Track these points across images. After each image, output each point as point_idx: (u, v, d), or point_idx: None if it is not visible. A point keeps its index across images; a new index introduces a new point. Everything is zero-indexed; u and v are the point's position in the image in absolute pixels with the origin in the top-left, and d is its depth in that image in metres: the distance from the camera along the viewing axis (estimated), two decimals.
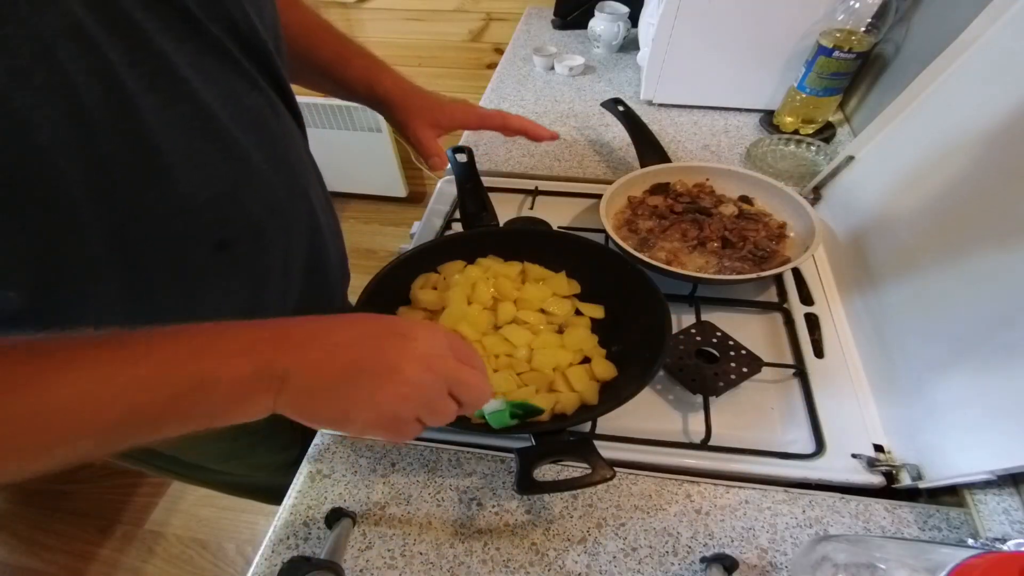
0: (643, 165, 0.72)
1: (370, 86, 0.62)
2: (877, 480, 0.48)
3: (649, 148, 0.74)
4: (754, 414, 0.53)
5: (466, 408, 0.37)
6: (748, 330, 0.59)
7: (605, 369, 0.52)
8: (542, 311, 0.57)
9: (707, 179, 0.72)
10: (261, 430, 0.74)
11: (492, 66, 1.40)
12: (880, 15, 0.72)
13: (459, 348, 0.37)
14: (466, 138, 0.91)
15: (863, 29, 0.73)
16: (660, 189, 0.71)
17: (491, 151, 0.88)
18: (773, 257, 0.61)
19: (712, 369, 0.54)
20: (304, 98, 1.69)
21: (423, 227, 0.75)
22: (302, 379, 0.31)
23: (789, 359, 0.57)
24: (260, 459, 0.80)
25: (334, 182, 1.95)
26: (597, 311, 0.57)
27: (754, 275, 0.58)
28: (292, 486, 0.49)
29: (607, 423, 0.51)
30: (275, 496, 0.49)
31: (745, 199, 0.70)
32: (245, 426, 0.73)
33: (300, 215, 0.52)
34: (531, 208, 0.77)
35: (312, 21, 0.61)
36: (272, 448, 0.79)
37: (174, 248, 0.41)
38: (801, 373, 0.55)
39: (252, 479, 0.87)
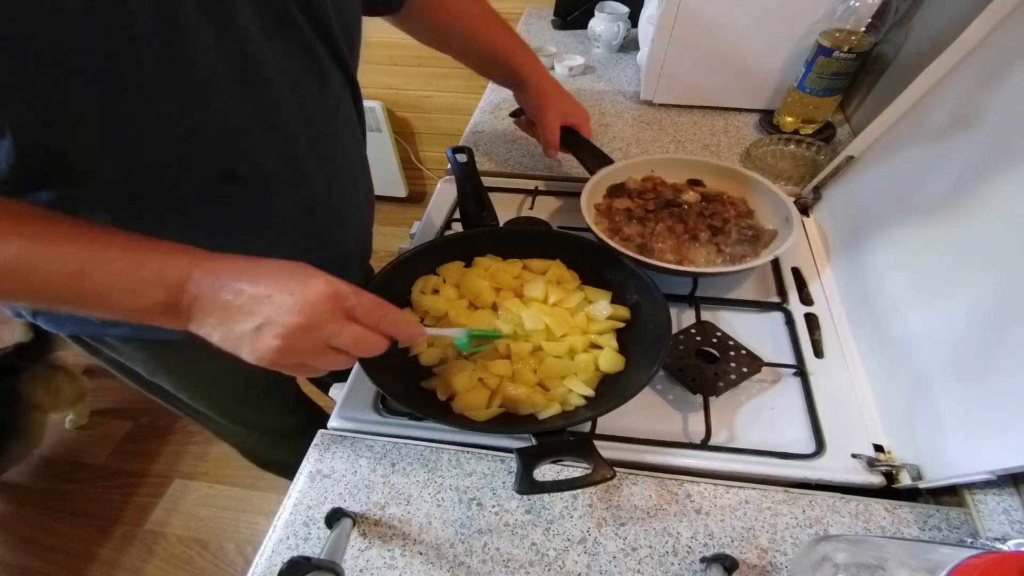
0: (591, 172, 0.70)
1: (508, 59, 0.70)
2: (877, 480, 0.48)
3: (589, 156, 0.71)
4: (754, 414, 0.53)
5: (362, 354, 0.39)
6: (748, 330, 0.59)
7: (612, 360, 0.52)
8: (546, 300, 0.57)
9: (652, 170, 0.72)
10: (259, 384, 0.77)
11: None
12: (880, 15, 0.72)
13: (351, 305, 0.38)
14: (466, 138, 0.91)
15: (863, 29, 0.73)
16: (617, 191, 0.70)
17: (491, 151, 0.88)
18: (761, 234, 0.62)
19: (712, 369, 0.54)
20: None
21: (423, 227, 0.75)
22: (202, 318, 0.37)
23: (789, 359, 0.57)
24: (268, 417, 0.84)
25: None
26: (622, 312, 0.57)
27: (760, 261, 0.58)
28: (292, 486, 0.49)
29: (607, 423, 0.51)
30: (288, 470, 0.52)
31: (695, 183, 0.70)
32: (247, 377, 0.74)
33: (321, 174, 0.55)
34: (531, 208, 0.77)
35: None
36: (276, 407, 0.83)
37: (178, 166, 0.44)
38: (801, 373, 0.55)
39: (267, 447, 0.91)
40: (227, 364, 0.68)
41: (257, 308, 0.36)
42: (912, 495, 0.47)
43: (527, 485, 0.41)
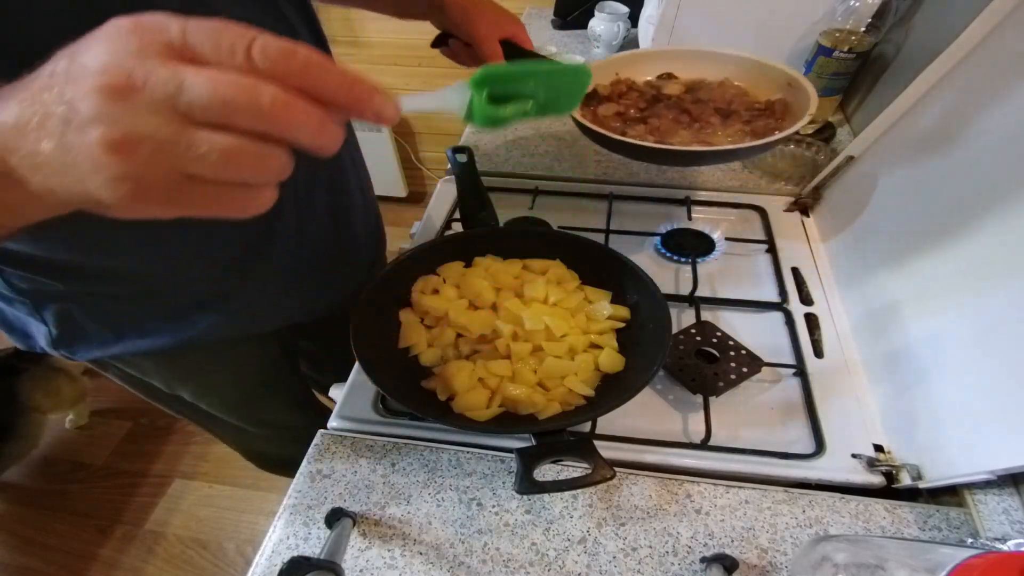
0: None
1: None
2: (877, 480, 0.48)
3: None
4: (754, 414, 0.53)
5: (286, 134, 0.23)
6: (748, 330, 0.59)
7: (612, 360, 0.52)
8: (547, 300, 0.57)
9: (616, 73, 0.67)
10: (268, 381, 0.77)
11: None
12: (880, 15, 0.72)
13: (173, 35, 0.21)
14: (466, 138, 0.91)
15: (863, 29, 0.73)
16: (592, 99, 0.66)
17: (491, 151, 0.88)
18: (770, 107, 0.58)
19: (712, 369, 0.54)
20: None
21: (423, 227, 0.75)
22: (17, 160, 0.23)
23: (789, 359, 0.57)
24: (274, 415, 0.83)
25: None
26: (622, 311, 0.57)
27: (803, 121, 0.53)
28: (292, 486, 0.49)
29: (607, 423, 0.51)
30: (294, 467, 0.51)
31: (668, 75, 0.66)
32: (254, 373, 0.72)
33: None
34: (531, 208, 0.77)
35: None
36: (283, 404, 0.83)
37: None
38: (801, 373, 0.55)
39: (275, 444, 0.90)
40: (242, 364, 0.70)
41: (48, 99, 0.21)
42: (912, 495, 0.47)
43: (527, 485, 0.41)
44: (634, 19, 1.08)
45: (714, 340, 0.57)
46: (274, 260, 0.57)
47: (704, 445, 0.50)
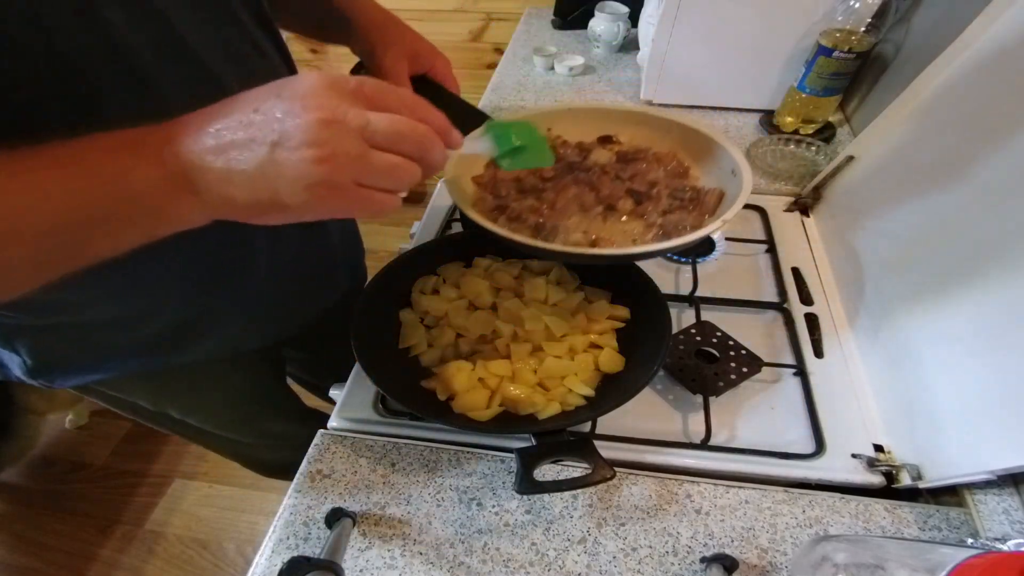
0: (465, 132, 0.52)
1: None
2: (877, 480, 0.48)
3: (456, 113, 0.47)
4: (754, 414, 0.53)
5: (423, 157, 0.32)
6: (748, 330, 0.59)
7: (612, 360, 0.52)
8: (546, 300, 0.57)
9: (548, 128, 0.57)
10: (258, 393, 0.76)
11: (492, 66, 1.40)
12: (880, 15, 0.72)
13: (352, 87, 0.30)
14: None
15: (863, 29, 0.73)
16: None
17: None
18: (701, 195, 0.49)
19: (712, 369, 0.54)
20: None
21: (423, 227, 0.75)
22: (209, 179, 0.29)
23: (789, 359, 0.57)
24: (267, 426, 0.82)
25: None
26: (621, 311, 0.56)
27: (706, 230, 0.45)
28: (292, 485, 0.49)
29: (607, 423, 0.51)
30: (292, 471, 0.50)
31: (608, 139, 0.57)
32: (242, 387, 0.72)
33: None
34: None
35: None
36: (275, 414, 0.82)
37: None
38: (801, 373, 0.55)
39: (270, 450, 0.89)
40: (230, 380, 0.69)
41: (255, 131, 0.28)
42: (912, 495, 0.47)
43: (527, 485, 0.41)
44: (634, 19, 1.09)
45: (714, 340, 0.57)
46: (254, 275, 0.55)
47: (704, 445, 0.50)
